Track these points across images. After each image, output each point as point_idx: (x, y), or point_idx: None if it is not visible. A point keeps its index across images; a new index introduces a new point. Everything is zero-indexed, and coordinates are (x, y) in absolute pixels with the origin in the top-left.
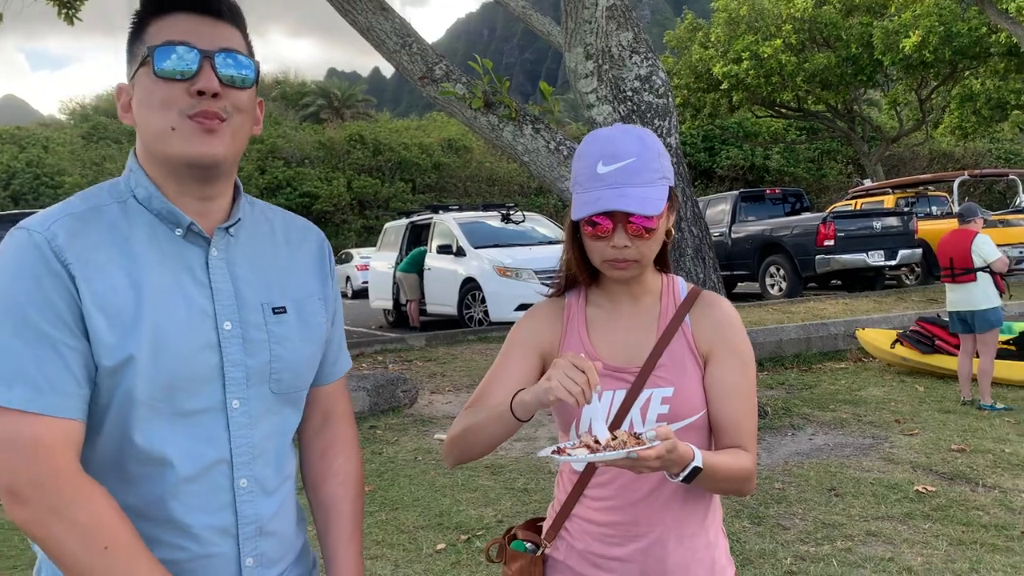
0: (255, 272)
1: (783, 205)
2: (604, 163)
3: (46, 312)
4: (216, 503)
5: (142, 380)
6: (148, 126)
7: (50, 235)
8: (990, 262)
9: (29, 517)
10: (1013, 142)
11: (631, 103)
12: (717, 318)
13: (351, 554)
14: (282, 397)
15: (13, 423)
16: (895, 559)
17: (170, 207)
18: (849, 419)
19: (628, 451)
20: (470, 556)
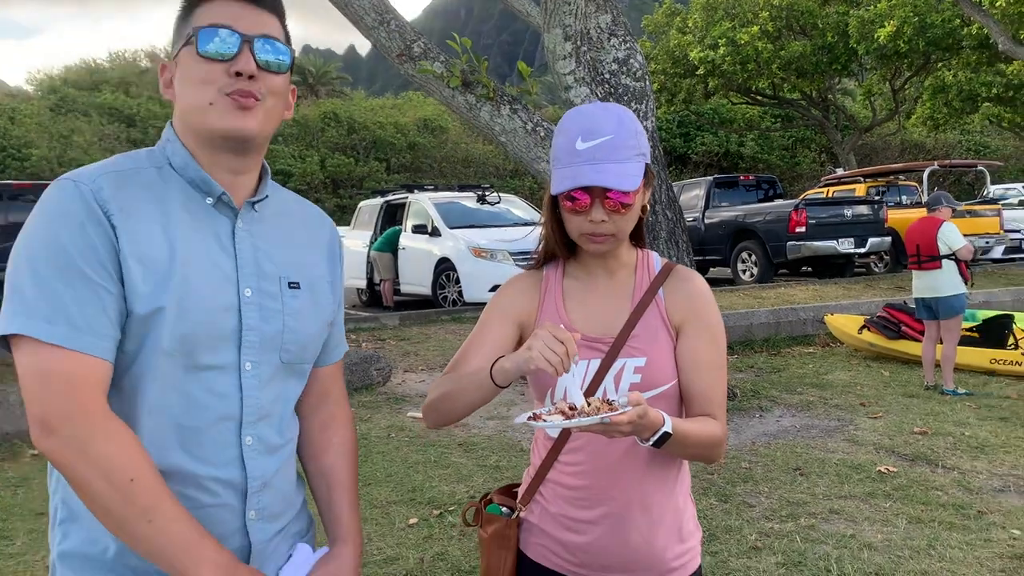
0: (275, 248)
1: (756, 191)
2: (583, 139)
3: (88, 257)
4: (223, 457)
5: (168, 331)
6: (188, 100)
7: (95, 187)
8: (955, 250)
9: (56, 447)
10: (983, 134)
11: (608, 85)
12: (690, 292)
13: (353, 517)
14: (289, 367)
15: (51, 357)
16: (856, 536)
17: (204, 176)
18: (816, 402)
19: (601, 417)
20: (442, 530)
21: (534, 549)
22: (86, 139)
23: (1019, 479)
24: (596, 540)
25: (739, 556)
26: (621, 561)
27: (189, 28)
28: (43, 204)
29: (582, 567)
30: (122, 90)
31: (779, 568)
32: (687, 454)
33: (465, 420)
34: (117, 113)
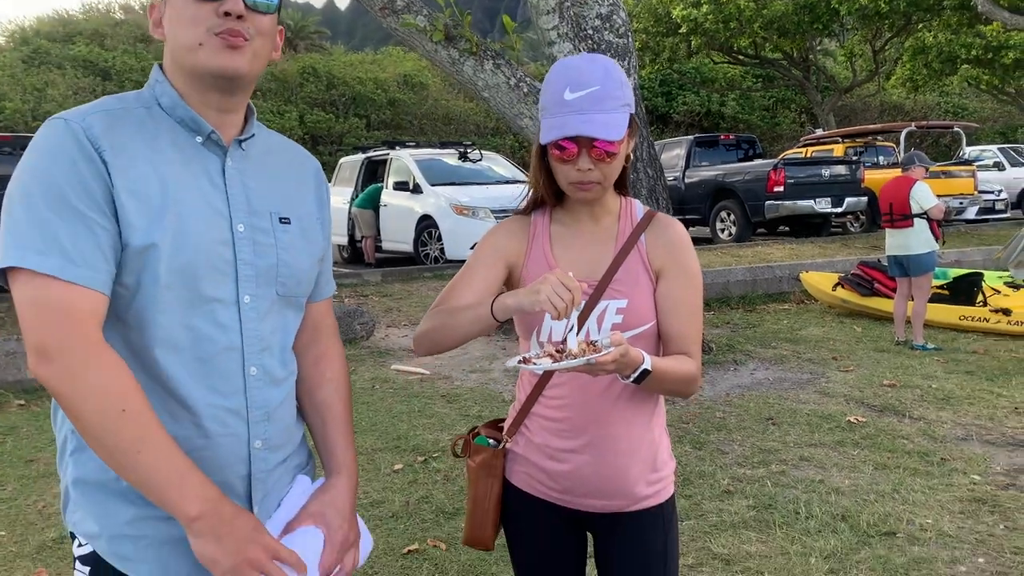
0: (263, 185)
1: (736, 151)
2: (571, 90)
3: (80, 193)
4: (229, 387)
5: (164, 264)
6: (178, 40)
7: (86, 125)
8: (927, 209)
9: (53, 374)
10: (961, 96)
11: (591, 41)
12: (670, 238)
13: (348, 449)
14: (285, 300)
15: (46, 288)
16: (824, 481)
17: (193, 115)
18: (789, 356)
19: (587, 359)
20: (427, 476)
21: (519, 477)
22: (61, 92)
23: (981, 428)
24: (577, 468)
25: (712, 499)
26: (600, 488)
27: None
28: (35, 143)
29: (564, 493)
30: (96, 42)
31: (750, 511)
32: (664, 389)
33: (448, 373)
34: (92, 66)
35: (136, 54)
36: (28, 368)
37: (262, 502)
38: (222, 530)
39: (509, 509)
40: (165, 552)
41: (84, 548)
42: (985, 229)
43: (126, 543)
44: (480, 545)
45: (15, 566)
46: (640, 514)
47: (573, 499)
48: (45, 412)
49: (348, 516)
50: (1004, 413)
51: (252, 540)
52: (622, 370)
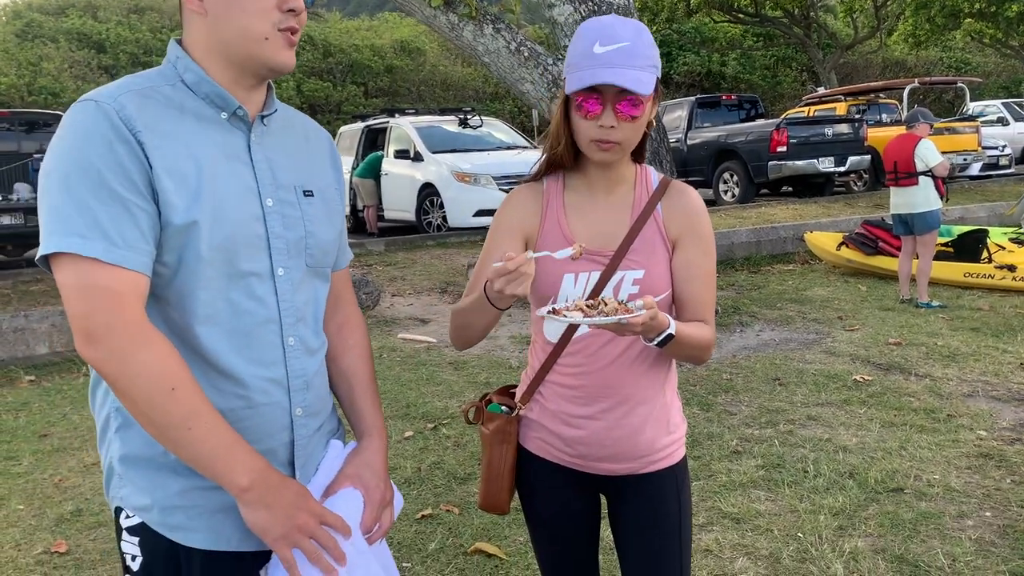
0: (286, 159)
1: (738, 112)
2: (601, 44)
3: (118, 175)
4: (269, 358)
5: (205, 240)
6: (237, 27)
7: (118, 106)
8: (932, 166)
9: (101, 356)
10: (964, 51)
11: (592, 3)
12: (686, 206)
13: (376, 412)
14: (314, 271)
15: (91, 272)
16: (832, 440)
17: (220, 90)
18: (795, 316)
19: (619, 318)
20: (437, 442)
21: (533, 443)
22: (56, 66)
23: (987, 385)
24: (592, 433)
25: (721, 460)
26: (614, 452)
27: None
28: (68, 127)
29: (579, 458)
30: (89, 15)
31: (759, 470)
32: (682, 354)
33: None
34: (86, 39)
35: (130, 25)
36: (76, 349)
37: (303, 467)
38: (271, 498)
39: (523, 474)
40: (217, 520)
41: (132, 519)
42: (989, 185)
43: (177, 513)
44: (496, 510)
45: (35, 539)
46: (654, 476)
47: (587, 463)
48: (56, 387)
49: (383, 475)
50: (1010, 369)
51: (300, 507)
52: (648, 332)
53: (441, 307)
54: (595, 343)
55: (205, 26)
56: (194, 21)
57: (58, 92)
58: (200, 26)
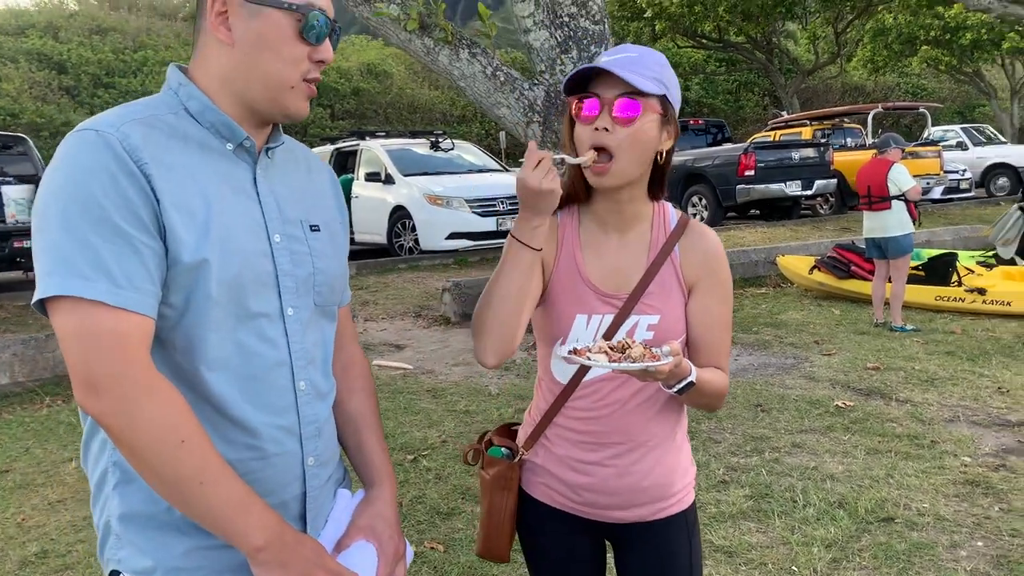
0: (291, 192)
1: (705, 136)
2: (607, 55)
3: (123, 210)
4: (281, 404)
5: (215, 278)
6: (267, 70)
7: (122, 135)
8: (905, 191)
9: (106, 408)
10: (920, 77)
11: (568, 28)
12: (705, 249)
13: (385, 458)
14: (321, 310)
15: (93, 315)
16: (818, 468)
17: (227, 119)
18: (771, 341)
19: (646, 365)
20: (418, 475)
21: (538, 489)
22: (15, 87)
23: (967, 409)
24: (601, 480)
25: (708, 490)
26: (623, 499)
27: None
28: (67, 158)
29: (586, 505)
30: (50, 35)
31: (747, 500)
32: (699, 402)
33: (431, 367)
34: (46, 59)
35: (92, 46)
36: (76, 401)
37: (314, 520)
38: (287, 557)
39: (526, 518)
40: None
41: None
42: (951, 208)
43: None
44: (496, 558)
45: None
46: (663, 522)
47: (594, 511)
48: (18, 420)
49: (395, 527)
50: (988, 393)
51: (317, 565)
52: (669, 379)
53: (416, 332)
54: (607, 386)
55: (227, 57)
56: (215, 49)
57: (17, 113)
58: (221, 56)
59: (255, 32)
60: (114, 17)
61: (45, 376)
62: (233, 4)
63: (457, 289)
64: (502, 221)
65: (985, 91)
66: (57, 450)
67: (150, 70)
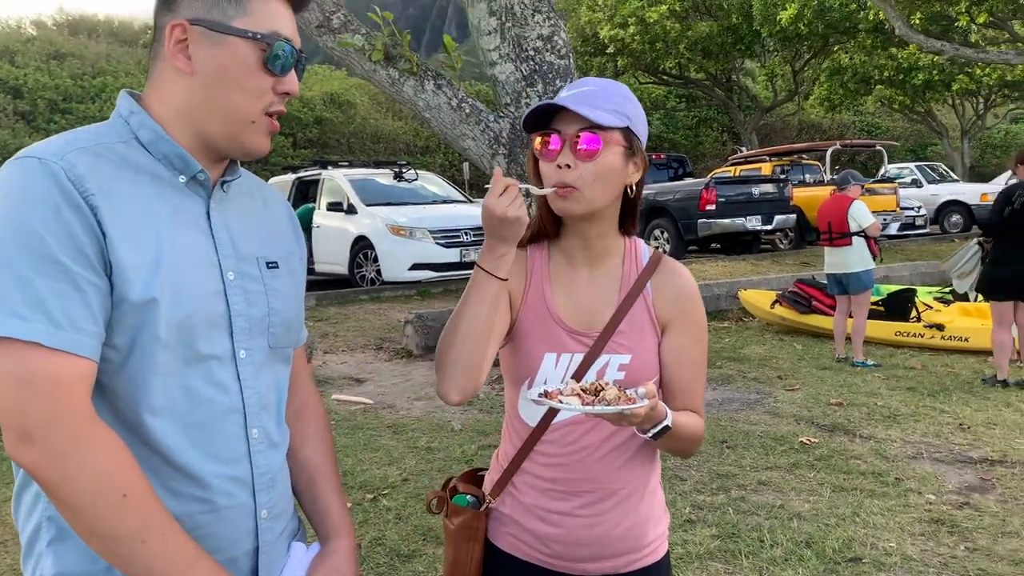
0: (246, 227)
1: (667, 170)
2: (567, 90)
3: (65, 245)
4: (233, 453)
5: (164, 319)
6: (228, 103)
7: (67, 165)
8: (865, 227)
9: (40, 459)
10: (875, 115)
11: (533, 63)
12: (678, 287)
13: (343, 509)
14: (276, 352)
15: (28, 357)
16: (785, 506)
17: (180, 151)
18: (735, 375)
19: (621, 408)
20: (377, 514)
21: (505, 540)
22: None
23: (930, 446)
24: (570, 531)
25: (675, 530)
26: (594, 551)
27: (244, 15)
28: (5, 187)
29: (554, 557)
30: (6, 59)
31: (714, 540)
32: (673, 447)
33: (392, 402)
34: (2, 84)
35: (49, 71)
36: (6, 450)
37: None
38: None
39: (491, 571)
40: None
41: None
42: (907, 244)
43: None
44: None
45: None
46: (636, 575)
47: (564, 563)
48: None
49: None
50: (949, 430)
51: None
52: (644, 424)
53: (377, 365)
54: (577, 430)
55: (186, 88)
56: (172, 79)
57: None
58: (179, 86)
59: (216, 62)
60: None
61: None
62: (193, 32)
63: (420, 321)
64: (466, 252)
65: (937, 130)
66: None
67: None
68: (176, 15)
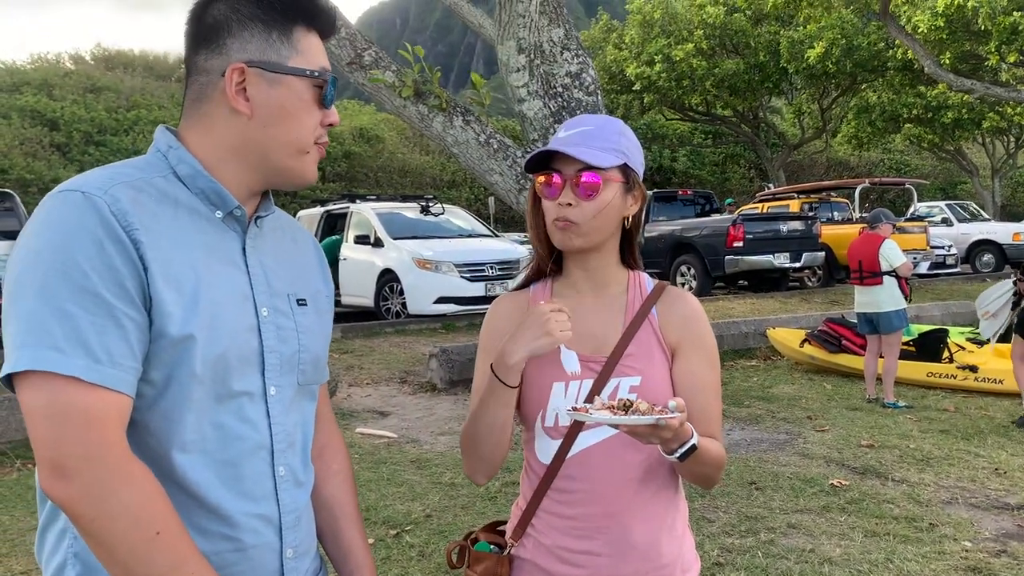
0: (278, 264)
1: (693, 206)
2: (565, 130)
3: (107, 279)
4: (260, 491)
5: (200, 354)
6: (288, 139)
7: (110, 199)
8: (896, 266)
9: (75, 494)
10: (903, 153)
11: (561, 99)
12: (684, 312)
13: (366, 549)
14: (303, 389)
15: (66, 392)
16: (816, 550)
17: (218, 187)
18: (763, 415)
19: (657, 417)
20: (400, 551)
21: None
22: (6, 142)
23: (965, 491)
24: (594, 571)
25: (703, 573)
26: None
27: (296, 54)
28: (47, 221)
29: None
30: (44, 92)
31: None
32: (699, 471)
33: (416, 436)
34: (39, 116)
35: (85, 105)
36: (41, 486)
37: None
38: None
39: None
40: None
41: None
42: (938, 284)
43: None
44: None
45: None
46: None
47: None
48: None
49: None
50: (985, 475)
51: None
52: (673, 442)
53: (401, 398)
54: (596, 464)
55: (241, 128)
56: (225, 118)
57: (6, 168)
58: (234, 127)
59: (276, 101)
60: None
61: (16, 438)
62: (251, 74)
63: (444, 355)
64: (491, 286)
65: (967, 168)
66: (25, 517)
67: (141, 129)
68: (229, 58)
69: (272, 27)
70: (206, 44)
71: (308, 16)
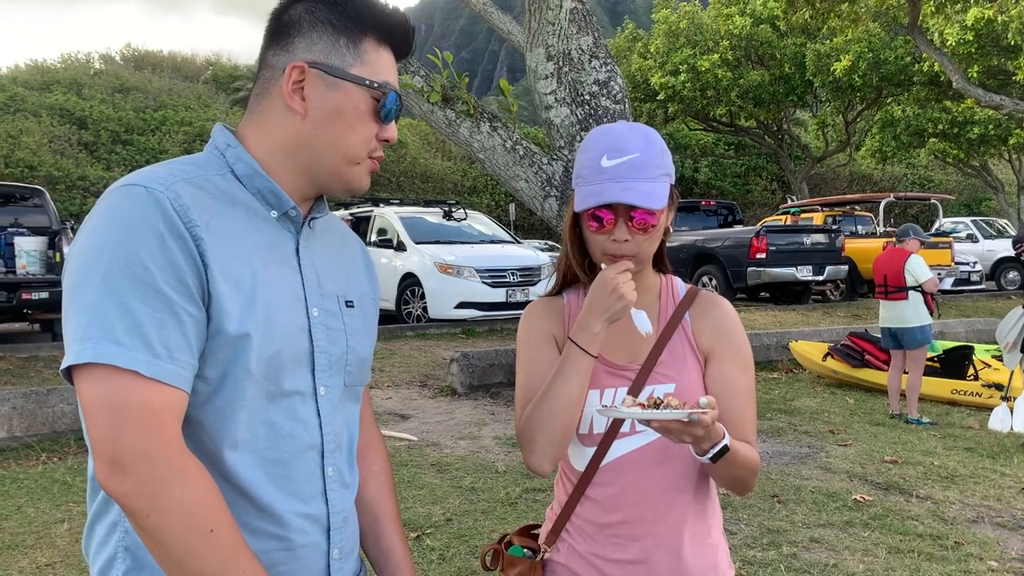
0: (329, 265)
1: (716, 217)
2: (608, 157)
3: (168, 274)
4: (310, 490)
5: (255, 352)
6: (339, 145)
7: (172, 195)
8: (922, 282)
9: (132, 489)
10: (928, 168)
11: (589, 107)
12: (717, 317)
13: (405, 551)
14: (349, 390)
15: (126, 386)
16: (838, 566)
17: (274, 187)
18: (785, 428)
19: (689, 412)
20: (420, 555)
21: None
22: (35, 140)
23: (991, 510)
24: None
25: None
26: None
27: (361, 63)
28: (110, 214)
29: None
30: (74, 91)
31: None
32: (733, 475)
33: (437, 439)
34: (68, 114)
35: (114, 104)
36: (98, 480)
37: None
38: None
39: None
40: None
41: None
42: (962, 300)
43: None
44: None
45: None
46: None
47: None
48: (12, 476)
49: None
50: (1011, 494)
51: None
52: (704, 442)
53: (421, 401)
54: (628, 469)
55: (295, 127)
56: (281, 115)
57: (35, 165)
58: (288, 125)
59: (332, 105)
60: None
61: (43, 431)
62: (311, 74)
63: (465, 360)
64: (512, 292)
65: (992, 185)
66: (50, 510)
67: (168, 130)
68: (294, 56)
69: (342, 33)
70: (277, 41)
71: (380, 29)
